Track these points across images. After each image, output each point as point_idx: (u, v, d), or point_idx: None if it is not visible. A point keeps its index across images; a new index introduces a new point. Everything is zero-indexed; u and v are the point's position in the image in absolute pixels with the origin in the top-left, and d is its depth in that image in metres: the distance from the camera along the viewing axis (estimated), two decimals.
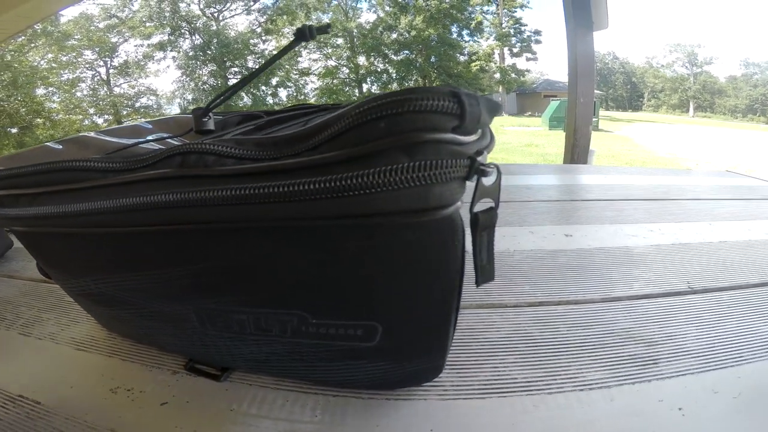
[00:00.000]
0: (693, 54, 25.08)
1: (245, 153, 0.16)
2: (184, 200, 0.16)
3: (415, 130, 0.13)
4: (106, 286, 0.23)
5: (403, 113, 0.13)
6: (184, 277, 0.20)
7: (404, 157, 0.13)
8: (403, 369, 0.21)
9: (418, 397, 0.23)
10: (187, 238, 0.18)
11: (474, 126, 0.14)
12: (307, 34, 0.24)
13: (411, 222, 0.14)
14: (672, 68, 25.71)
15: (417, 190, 0.13)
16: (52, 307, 0.34)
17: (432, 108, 0.13)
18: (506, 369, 0.25)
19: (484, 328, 0.29)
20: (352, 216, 0.14)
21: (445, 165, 0.13)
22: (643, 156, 5.62)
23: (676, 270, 0.38)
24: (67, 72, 11.53)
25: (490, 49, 16.69)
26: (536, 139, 7.17)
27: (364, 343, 0.19)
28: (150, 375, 0.24)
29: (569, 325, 0.29)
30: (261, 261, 0.18)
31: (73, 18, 11.93)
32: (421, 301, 0.18)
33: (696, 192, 0.69)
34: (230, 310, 0.20)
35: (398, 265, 0.17)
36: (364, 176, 0.13)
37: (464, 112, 0.13)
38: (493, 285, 0.35)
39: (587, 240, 0.46)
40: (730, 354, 0.26)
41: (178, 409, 0.22)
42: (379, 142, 0.13)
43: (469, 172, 0.14)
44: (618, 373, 0.24)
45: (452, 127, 0.14)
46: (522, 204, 0.61)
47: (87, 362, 0.26)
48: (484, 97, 0.15)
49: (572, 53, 1.92)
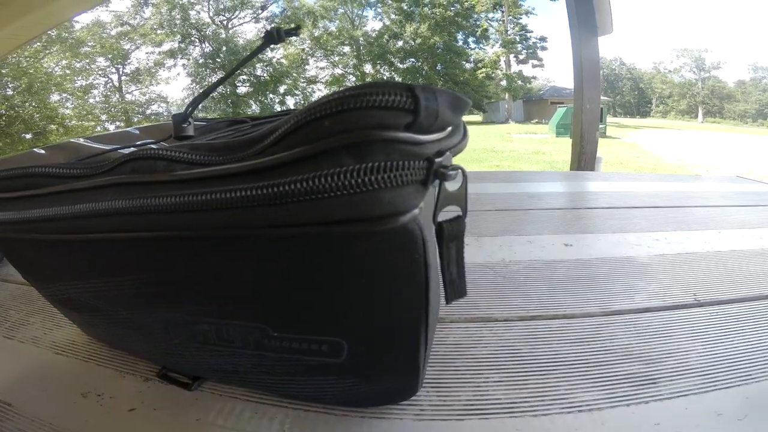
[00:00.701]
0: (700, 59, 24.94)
1: (197, 158, 0.15)
2: (127, 208, 0.15)
3: (362, 128, 0.12)
4: (74, 291, 0.23)
5: (349, 110, 0.12)
6: (142, 285, 0.19)
7: (349, 159, 0.12)
8: (375, 387, 0.20)
9: (394, 416, 0.21)
10: (138, 246, 0.18)
11: (430, 123, 0.13)
12: (275, 36, 0.24)
13: (360, 231, 0.13)
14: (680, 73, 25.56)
15: (363, 196, 0.12)
16: (39, 311, 0.34)
17: (381, 103, 0.12)
18: (490, 388, 0.23)
19: (470, 344, 0.27)
20: (293, 225, 0.13)
21: (395, 167, 0.12)
22: (652, 163, 5.56)
23: (681, 281, 0.36)
24: (81, 78, 11.79)
25: (496, 56, 16.74)
26: (543, 147, 7.14)
27: (330, 359, 0.18)
28: (122, 381, 0.24)
29: (562, 341, 0.27)
30: (213, 272, 0.17)
31: (87, 25, 12.21)
32: (385, 319, 0.17)
33: (704, 199, 0.67)
34: (192, 321, 0.20)
35: (353, 279, 0.15)
36: (303, 181, 0.12)
37: (418, 108, 0.12)
38: (484, 297, 0.33)
39: (588, 250, 0.44)
40: (737, 372, 0.24)
41: (144, 417, 0.21)
42: (322, 143, 0.12)
43: (427, 175, 0.13)
44: (612, 393, 0.22)
45: (405, 125, 0.12)
46: (522, 212, 0.59)
47: (63, 366, 0.26)
48: (446, 92, 0.14)
49: (577, 58, 1.90)
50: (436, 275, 0.16)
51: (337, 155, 0.12)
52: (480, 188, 0.74)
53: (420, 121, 0.12)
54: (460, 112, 0.15)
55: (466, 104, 0.15)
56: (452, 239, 0.15)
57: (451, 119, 0.14)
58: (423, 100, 0.12)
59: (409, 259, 0.14)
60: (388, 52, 15.78)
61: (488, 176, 0.86)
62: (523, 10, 16.21)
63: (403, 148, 0.12)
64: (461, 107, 0.15)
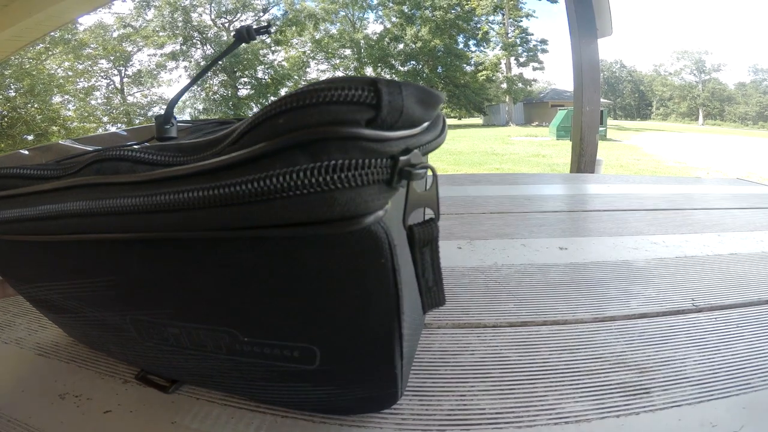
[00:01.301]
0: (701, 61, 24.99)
1: (160, 159, 0.15)
2: (87, 210, 0.15)
3: (317, 125, 0.11)
4: (49, 293, 0.23)
5: (306, 106, 0.11)
6: (111, 287, 0.19)
7: (304, 157, 0.11)
8: (352, 395, 0.19)
9: (374, 425, 0.21)
10: (104, 248, 0.17)
11: (395, 118, 0.12)
12: (245, 35, 0.23)
13: (318, 234, 0.12)
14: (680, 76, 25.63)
15: (318, 197, 0.11)
16: (26, 313, 0.34)
17: (339, 99, 0.11)
18: (474, 398, 0.22)
19: (457, 351, 0.26)
20: (244, 227, 0.12)
21: (353, 166, 0.11)
22: (653, 165, 5.54)
23: (679, 286, 0.35)
24: (83, 80, 11.84)
25: (497, 59, 16.79)
26: (543, 150, 7.13)
27: (304, 365, 0.18)
28: (101, 383, 0.24)
29: (552, 349, 0.26)
30: (175, 275, 0.16)
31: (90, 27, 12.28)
32: (355, 326, 0.16)
33: (704, 201, 0.66)
34: (162, 323, 0.19)
35: (315, 285, 0.14)
36: (254, 182, 0.11)
37: (380, 102, 0.11)
38: (473, 302, 0.32)
39: (583, 253, 0.43)
40: (735, 380, 0.23)
41: (119, 419, 0.21)
42: (276, 142, 0.11)
43: (392, 174, 0.12)
44: (602, 404, 0.21)
45: (367, 121, 0.11)
46: (517, 215, 0.58)
47: (45, 367, 0.26)
48: (414, 86, 0.13)
49: (577, 60, 1.90)
50: (410, 281, 0.15)
51: (291, 154, 0.11)
52: (475, 191, 0.73)
53: (383, 116, 0.12)
54: (432, 108, 0.14)
55: (438, 99, 0.15)
56: (425, 244, 0.14)
57: (422, 115, 0.14)
58: (386, 94, 0.12)
59: (375, 264, 0.13)
60: (388, 55, 15.84)
61: (483, 179, 0.85)
62: (524, 13, 16.27)
63: (364, 145, 0.12)
64: (432, 102, 0.14)
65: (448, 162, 5.83)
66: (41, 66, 10.31)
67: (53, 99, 10.36)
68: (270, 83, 14.54)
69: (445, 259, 0.41)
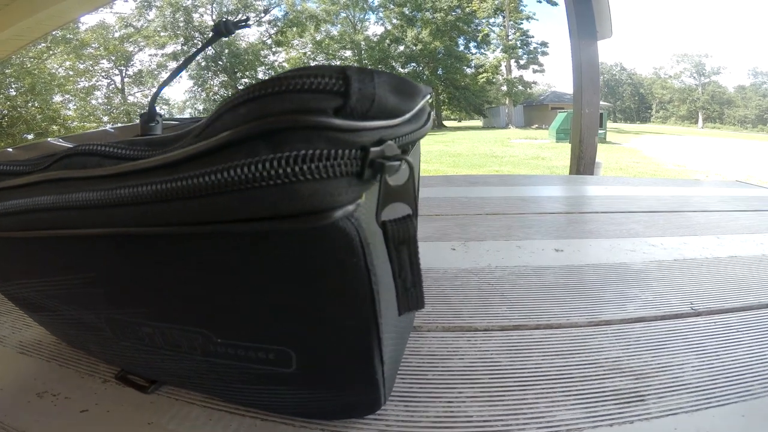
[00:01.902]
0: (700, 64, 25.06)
1: (129, 153, 0.14)
2: (53, 204, 0.15)
3: (281, 113, 0.10)
4: (26, 291, 0.23)
5: (270, 95, 0.10)
6: (84, 285, 0.19)
7: (265, 147, 0.10)
8: (333, 400, 0.19)
9: (357, 430, 0.20)
10: (74, 244, 0.17)
11: (365, 107, 0.11)
12: (223, 29, 0.23)
13: (282, 229, 0.11)
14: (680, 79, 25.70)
15: (279, 190, 0.10)
16: (11, 311, 0.33)
17: (305, 86, 0.10)
18: (462, 404, 0.21)
19: (446, 355, 0.25)
20: (206, 222, 0.11)
21: (317, 157, 0.10)
22: (652, 168, 5.54)
23: (678, 289, 0.34)
24: (84, 80, 11.87)
25: (497, 62, 16.82)
26: (543, 152, 7.13)
27: (280, 368, 0.17)
28: (80, 382, 0.24)
29: (545, 354, 0.25)
30: (141, 273, 0.16)
31: (91, 27, 12.30)
32: (331, 329, 0.15)
33: (703, 203, 0.65)
34: (136, 322, 0.19)
35: (283, 284, 0.14)
36: (212, 174, 0.10)
37: (348, 89, 0.11)
38: (465, 305, 0.32)
39: (579, 256, 0.42)
40: (734, 387, 0.22)
41: (95, 418, 0.21)
42: (236, 131, 0.10)
43: (362, 166, 0.11)
44: (594, 412, 0.20)
45: (335, 109, 0.11)
46: (513, 217, 0.57)
47: (25, 366, 0.26)
48: (388, 74, 0.12)
49: (576, 62, 1.89)
50: (389, 282, 0.14)
51: (253, 145, 0.10)
52: (471, 192, 0.72)
53: (351, 104, 0.11)
54: (409, 98, 0.13)
55: (415, 89, 0.14)
56: (401, 242, 0.13)
57: (398, 104, 0.13)
58: (355, 82, 0.11)
59: (346, 262, 0.13)
60: (389, 57, 15.87)
61: (480, 180, 0.84)
62: (524, 16, 16.31)
63: (331, 135, 0.11)
64: (409, 91, 0.13)
65: (447, 164, 5.83)
66: (42, 65, 10.33)
67: (54, 98, 10.38)
68: None
69: (438, 260, 0.41)
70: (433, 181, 0.85)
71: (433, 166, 5.42)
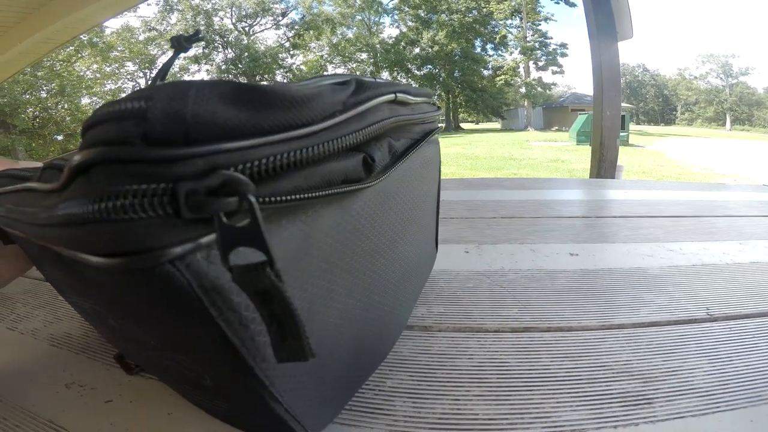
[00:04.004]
0: (727, 64, 24.14)
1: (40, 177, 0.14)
2: (11, 212, 0.15)
3: (87, 147, 0.10)
4: (46, 274, 0.23)
5: (87, 128, 0.10)
6: (61, 278, 0.18)
7: (82, 185, 0.10)
8: (252, 419, 0.18)
9: (364, 425, 0.20)
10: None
11: (178, 129, 0.10)
12: (176, 45, 0.23)
13: (122, 268, 0.11)
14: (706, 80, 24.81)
15: (100, 228, 0.10)
16: (44, 305, 0.35)
17: (112, 115, 0.10)
18: (469, 403, 0.22)
19: (455, 354, 0.26)
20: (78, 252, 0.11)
21: (121, 194, 0.09)
22: (677, 172, 5.37)
23: (694, 294, 0.34)
24: (110, 82, 12.28)
25: (515, 63, 16.60)
26: (563, 155, 7.00)
27: (202, 380, 0.16)
28: (107, 373, 0.25)
29: (554, 356, 0.25)
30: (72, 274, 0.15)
31: (117, 30, 12.72)
32: (210, 365, 0.15)
33: (727, 208, 0.63)
34: (100, 311, 0.19)
35: (152, 318, 0.13)
36: (51, 209, 0.11)
37: (147, 112, 0.09)
38: (477, 306, 0.32)
39: (594, 260, 0.42)
40: (745, 392, 0.22)
41: (118, 408, 0.22)
42: (68, 168, 0.10)
43: (175, 203, 0.10)
44: (600, 414, 0.21)
45: (142, 137, 0.10)
46: (528, 220, 0.57)
47: (55, 358, 0.27)
48: (225, 83, 0.10)
49: (597, 64, 1.86)
50: (261, 329, 0.13)
51: (78, 181, 0.10)
52: (487, 195, 0.72)
53: (157, 129, 0.10)
54: (264, 107, 0.11)
55: (264, 95, 0.11)
56: (260, 292, 0.11)
57: (247, 120, 0.11)
58: (159, 101, 0.10)
59: (188, 307, 0.11)
60: (405, 59, 15.86)
61: (496, 183, 0.84)
62: (542, 17, 16.06)
63: (134, 168, 0.10)
64: (257, 100, 0.11)
65: (465, 167, 5.79)
66: (71, 68, 10.74)
67: (82, 100, 10.78)
68: None
69: (451, 262, 0.41)
70: (450, 183, 0.85)
71: (450, 169, 5.39)
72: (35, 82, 9.49)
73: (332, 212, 0.16)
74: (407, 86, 0.22)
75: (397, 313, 0.25)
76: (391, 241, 0.22)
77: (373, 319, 0.21)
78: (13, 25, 2.74)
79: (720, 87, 23.77)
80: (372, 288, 0.20)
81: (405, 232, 0.24)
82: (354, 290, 0.19)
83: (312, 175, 0.13)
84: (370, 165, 0.17)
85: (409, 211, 0.25)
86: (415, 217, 0.26)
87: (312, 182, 0.14)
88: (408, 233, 0.25)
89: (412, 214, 0.25)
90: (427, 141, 0.26)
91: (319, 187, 0.14)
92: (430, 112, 0.26)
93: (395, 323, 0.26)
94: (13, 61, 3.07)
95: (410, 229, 0.25)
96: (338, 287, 0.17)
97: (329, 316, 0.17)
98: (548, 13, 16.02)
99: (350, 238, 0.17)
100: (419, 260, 0.29)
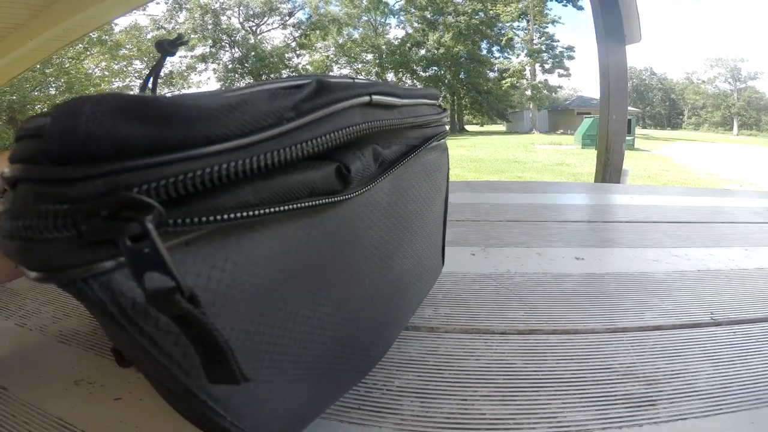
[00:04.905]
0: (736, 69, 23.93)
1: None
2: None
3: (13, 161, 0.10)
4: None
5: (16, 140, 0.10)
6: None
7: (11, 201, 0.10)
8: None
9: (372, 423, 0.21)
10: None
11: (73, 147, 0.09)
12: (160, 49, 0.23)
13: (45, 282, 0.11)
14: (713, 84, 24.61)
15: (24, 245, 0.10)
16: (52, 301, 0.35)
17: (25, 132, 0.10)
18: (476, 402, 0.22)
19: (462, 355, 0.26)
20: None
21: (27, 214, 0.09)
22: (683, 177, 5.34)
23: (699, 299, 0.34)
24: (118, 80, 12.38)
25: (521, 66, 16.55)
26: (568, 158, 6.98)
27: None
28: (116, 371, 0.25)
29: (560, 358, 0.26)
30: None
31: (125, 28, 12.83)
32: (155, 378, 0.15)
33: (733, 214, 0.63)
34: None
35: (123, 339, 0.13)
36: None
37: (42, 130, 0.09)
38: (483, 308, 0.32)
39: (600, 264, 0.42)
40: (747, 395, 0.22)
41: (127, 405, 0.22)
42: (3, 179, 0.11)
43: (75, 224, 0.09)
44: (605, 414, 0.21)
45: (47, 156, 0.09)
46: (534, 224, 0.57)
47: (64, 354, 0.27)
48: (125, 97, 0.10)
49: (604, 67, 1.86)
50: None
51: (12, 194, 0.10)
52: (493, 198, 0.73)
53: (54, 148, 0.09)
54: (171, 120, 0.10)
55: (171, 108, 0.10)
56: (179, 316, 0.10)
57: (154, 135, 0.10)
58: (57, 119, 0.09)
59: (115, 323, 0.11)
60: (410, 61, 15.87)
61: (502, 186, 0.84)
62: (549, 20, 16.02)
63: (38, 188, 0.10)
64: (163, 113, 0.10)
65: (469, 169, 5.79)
66: (80, 65, 10.84)
67: None
68: None
69: (457, 265, 0.42)
70: (455, 186, 0.86)
71: (454, 172, 5.39)
72: (44, 79, 9.59)
73: (298, 228, 0.15)
74: (392, 86, 0.20)
75: (384, 333, 0.24)
76: (381, 257, 0.20)
77: (352, 339, 0.20)
78: (25, 22, 2.77)
79: (728, 91, 23.59)
80: (352, 308, 0.19)
81: (400, 247, 0.22)
82: (327, 311, 0.17)
83: (261, 189, 0.12)
84: (345, 176, 0.16)
85: (405, 224, 0.23)
86: (413, 229, 0.24)
87: (262, 197, 0.12)
88: (404, 247, 0.23)
89: (409, 227, 0.23)
90: (427, 147, 0.23)
91: (274, 201, 0.13)
92: (429, 115, 0.24)
93: (381, 343, 0.24)
94: (23, 58, 3.10)
95: (407, 242, 0.23)
96: (304, 310, 0.16)
97: (291, 339, 0.16)
98: (555, 16, 15.99)
99: (323, 256, 0.16)
100: (419, 275, 0.27)
